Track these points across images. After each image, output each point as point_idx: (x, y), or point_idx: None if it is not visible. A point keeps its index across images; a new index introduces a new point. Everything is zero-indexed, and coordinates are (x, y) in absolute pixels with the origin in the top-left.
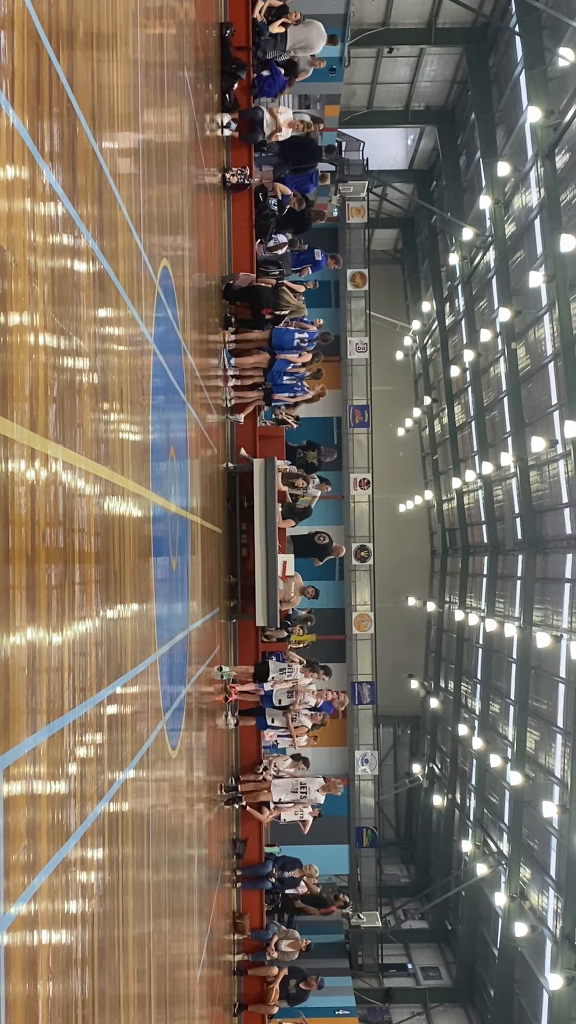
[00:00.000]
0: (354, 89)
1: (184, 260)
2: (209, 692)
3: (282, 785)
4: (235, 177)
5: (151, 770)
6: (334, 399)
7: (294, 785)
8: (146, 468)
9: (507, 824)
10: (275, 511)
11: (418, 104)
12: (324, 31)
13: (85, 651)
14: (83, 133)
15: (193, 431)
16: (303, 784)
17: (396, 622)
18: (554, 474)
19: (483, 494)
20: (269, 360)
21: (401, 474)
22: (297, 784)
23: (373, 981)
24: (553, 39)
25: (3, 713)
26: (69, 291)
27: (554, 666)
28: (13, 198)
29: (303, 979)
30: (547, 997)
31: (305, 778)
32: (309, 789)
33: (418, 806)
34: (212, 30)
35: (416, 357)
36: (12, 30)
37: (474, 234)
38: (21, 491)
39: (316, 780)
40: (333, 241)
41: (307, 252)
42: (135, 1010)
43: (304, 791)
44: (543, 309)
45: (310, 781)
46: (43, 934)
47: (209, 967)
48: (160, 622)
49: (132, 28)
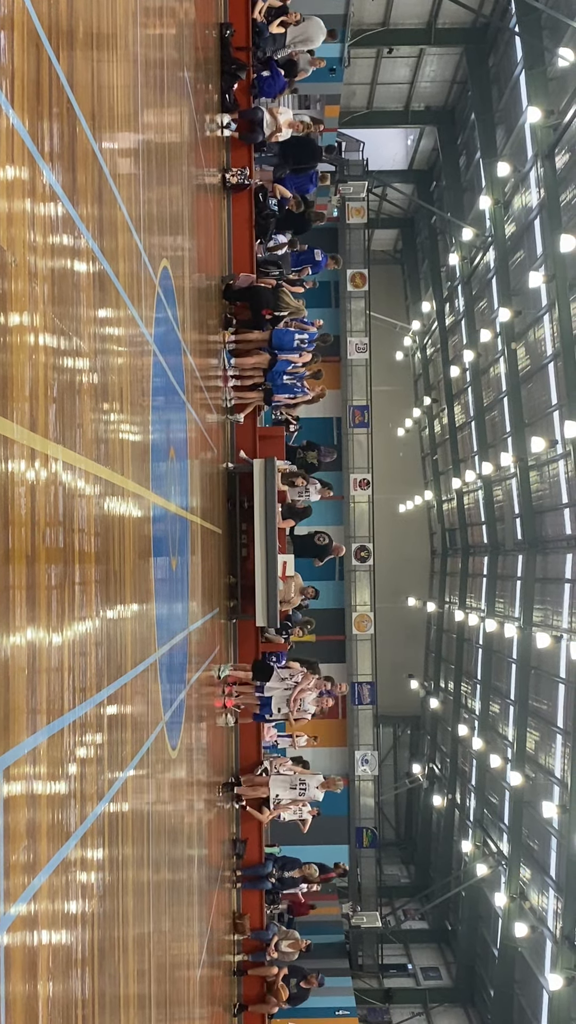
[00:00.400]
0: (354, 89)
1: (184, 260)
2: (209, 692)
3: (281, 781)
4: (235, 177)
5: (151, 770)
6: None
7: (293, 781)
8: (146, 468)
9: (507, 824)
10: (275, 511)
11: (418, 104)
12: (323, 25)
13: (85, 651)
14: (83, 133)
15: (193, 431)
16: (303, 781)
17: (396, 622)
18: (554, 474)
19: (483, 494)
20: (269, 360)
21: (401, 474)
22: (297, 780)
23: (373, 981)
24: (553, 39)
25: (3, 713)
26: (69, 291)
27: (554, 666)
28: (13, 198)
29: (303, 978)
30: (547, 997)
31: (305, 775)
32: (309, 786)
33: (418, 806)
34: (212, 30)
35: (416, 357)
36: (12, 30)
37: (474, 234)
38: (21, 491)
39: (316, 777)
40: (333, 241)
41: (307, 252)
42: (135, 1010)
43: (304, 788)
44: (543, 309)
45: (310, 778)
46: (43, 934)
47: (209, 967)
48: (160, 622)
49: (132, 28)
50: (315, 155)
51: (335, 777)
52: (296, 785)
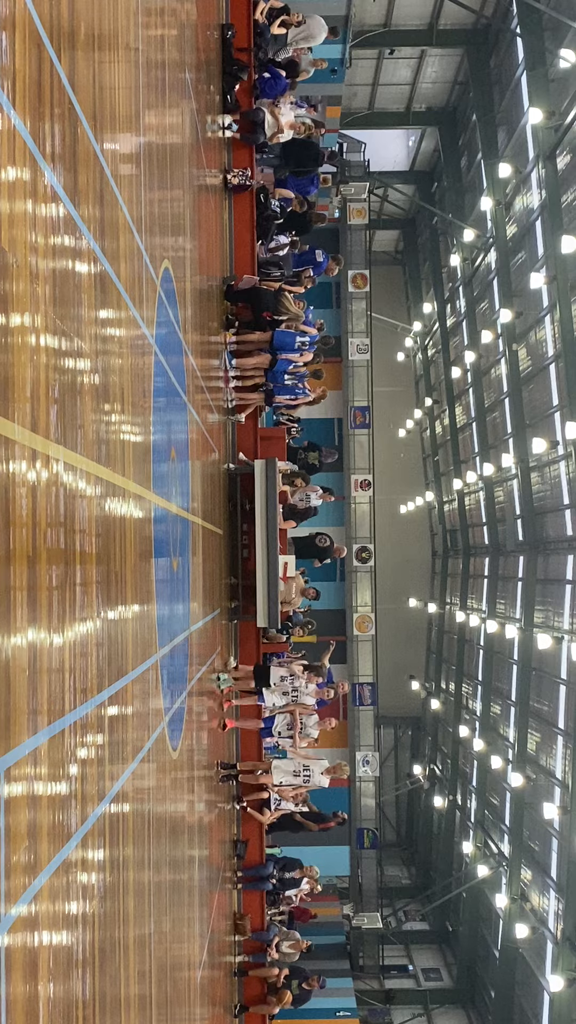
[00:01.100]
0: (355, 90)
1: (185, 261)
2: (210, 693)
3: (284, 767)
4: (236, 178)
5: (152, 771)
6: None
7: (296, 767)
8: (147, 469)
9: (508, 825)
10: (276, 512)
11: (419, 105)
12: (324, 23)
13: (86, 652)
14: (84, 134)
15: (194, 432)
16: (307, 767)
17: (397, 623)
18: (555, 475)
19: (484, 495)
20: (270, 361)
21: (402, 475)
22: (300, 766)
23: (374, 982)
24: (554, 40)
25: (4, 714)
26: (70, 292)
27: (555, 667)
28: (14, 199)
29: (305, 979)
30: (548, 998)
31: (309, 760)
32: (313, 772)
33: (419, 807)
34: (213, 31)
35: (417, 358)
36: (13, 31)
37: (475, 235)
38: (22, 492)
39: (320, 762)
40: (334, 242)
41: (308, 253)
42: (136, 1011)
43: (308, 774)
44: (544, 310)
45: (314, 763)
46: (44, 935)
47: (210, 968)
48: (161, 623)
49: (133, 29)
50: (317, 159)
51: (341, 763)
52: (300, 771)
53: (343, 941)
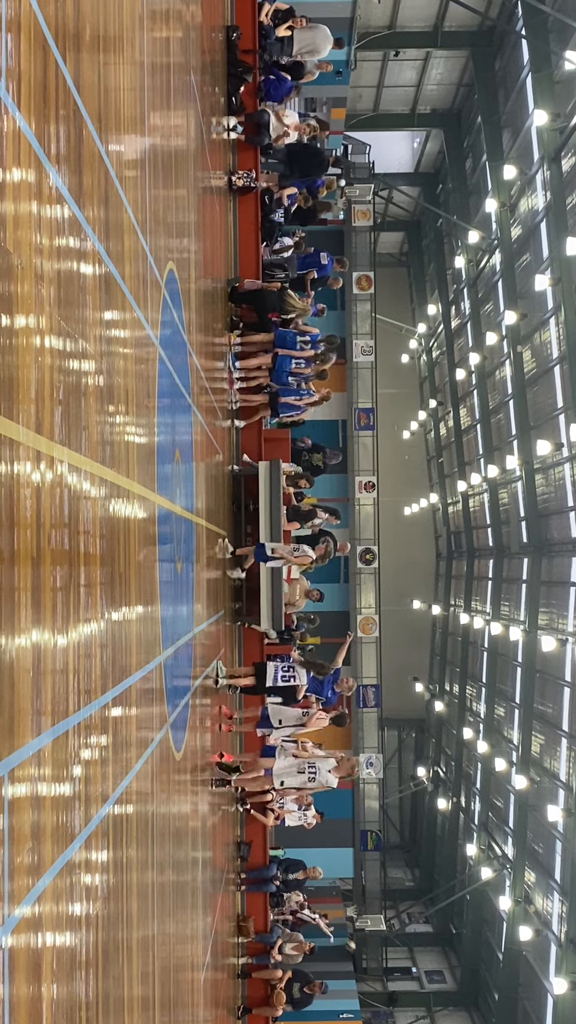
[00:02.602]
0: (360, 92)
1: (190, 263)
2: (214, 694)
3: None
4: (241, 180)
5: (155, 772)
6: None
7: (301, 766)
8: (151, 470)
9: (512, 828)
10: (280, 514)
11: (424, 107)
12: (330, 35)
13: (90, 653)
14: (89, 136)
15: (198, 433)
16: (312, 765)
17: (401, 625)
18: (559, 477)
19: (488, 497)
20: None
21: (406, 477)
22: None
23: (377, 985)
24: (559, 42)
25: (8, 715)
26: (75, 294)
27: (559, 669)
28: (19, 201)
29: (307, 983)
30: (551, 1001)
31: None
32: (319, 770)
33: (423, 809)
34: (218, 33)
35: (421, 360)
36: (19, 33)
37: (480, 237)
38: (27, 493)
39: (327, 760)
40: (339, 244)
41: (313, 255)
42: (139, 1013)
43: (313, 773)
44: (549, 312)
45: (321, 761)
46: (47, 936)
47: (213, 970)
48: (165, 624)
49: (138, 31)
50: (322, 165)
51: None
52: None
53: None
